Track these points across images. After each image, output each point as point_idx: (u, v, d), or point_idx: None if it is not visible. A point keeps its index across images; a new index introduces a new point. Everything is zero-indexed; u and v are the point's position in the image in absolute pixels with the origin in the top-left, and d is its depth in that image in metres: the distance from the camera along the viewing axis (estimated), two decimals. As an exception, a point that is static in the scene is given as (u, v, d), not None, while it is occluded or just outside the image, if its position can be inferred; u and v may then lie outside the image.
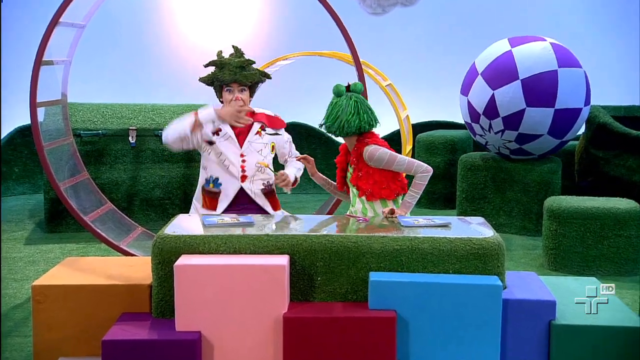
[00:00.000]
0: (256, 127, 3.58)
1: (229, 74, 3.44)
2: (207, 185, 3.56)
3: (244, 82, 3.47)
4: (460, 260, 2.81)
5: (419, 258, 2.82)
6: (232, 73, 3.44)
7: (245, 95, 3.51)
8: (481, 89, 5.82)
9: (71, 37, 5.14)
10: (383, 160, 3.26)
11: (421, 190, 3.29)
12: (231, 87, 3.46)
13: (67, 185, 4.86)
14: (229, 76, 3.44)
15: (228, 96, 3.48)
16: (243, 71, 3.47)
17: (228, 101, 3.48)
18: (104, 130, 6.01)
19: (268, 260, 2.77)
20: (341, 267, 2.83)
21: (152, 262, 2.87)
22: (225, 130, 3.53)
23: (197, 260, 2.76)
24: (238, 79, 3.45)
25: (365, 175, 3.30)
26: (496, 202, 6.08)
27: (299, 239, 2.85)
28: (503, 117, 5.71)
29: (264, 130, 3.59)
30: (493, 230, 2.99)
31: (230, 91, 3.47)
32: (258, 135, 3.57)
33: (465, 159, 6.23)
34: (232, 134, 3.53)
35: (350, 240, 2.85)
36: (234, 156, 3.52)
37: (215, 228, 3.01)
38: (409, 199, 3.29)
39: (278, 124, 3.66)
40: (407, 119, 6.91)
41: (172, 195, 6.13)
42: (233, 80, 3.45)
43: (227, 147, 3.52)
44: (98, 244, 5.40)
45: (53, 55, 4.87)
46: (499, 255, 2.82)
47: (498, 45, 5.94)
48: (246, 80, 3.47)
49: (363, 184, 3.30)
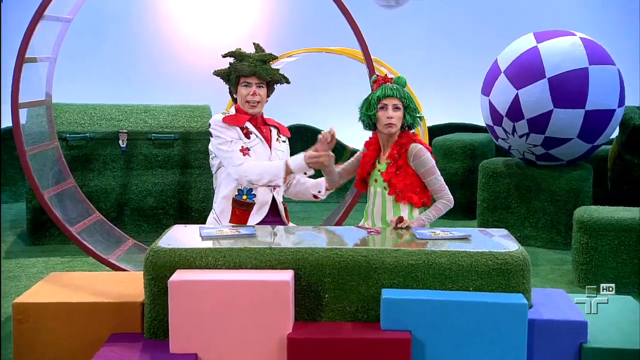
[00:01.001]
0: (275, 132, 3.62)
1: (249, 67, 3.44)
2: (240, 197, 3.52)
3: (263, 76, 3.46)
4: (482, 277, 2.80)
5: (436, 274, 2.81)
6: (252, 65, 3.44)
7: (263, 92, 3.51)
8: (504, 88, 5.81)
9: (56, 32, 5.16)
10: (426, 165, 3.34)
11: (438, 216, 3.38)
12: (249, 80, 3.46)
13: (51, 193, 4.88)
14: (248, 68, 3.44)
15: (244, 90, 3.48)
16: (264, 65, 3.48)
17: (243, 96, 3.49)
18: (91, 133, 6.03)
19: (271, 275, 2.77)
20: (351, 284, 2.83)
21: (145, 278, 2.88)
22: (255, 134, 3.52)
23: (193, 276, 2.77)
24: (258, 71, 3.45)
25: (403, 174, 3.35)
26: (521, 213, 6.06)
27: (304, 252, 2.85)
28: (528, 119, 5.70)
29: (280, 137, 3.64)
30: (517, 243, 2.98)
31: (247, 85, 3.47)
32: (278, 142, 3.61)
33: (487, 165, 6.22)
34: (262, 137, 3.53)
35: (361, 254, 2.84)
36: (265, 159, 3.52)
37: (213, 240, 3.02)
38: (424, 217, 3.33)
39: (285, 133, 3.70)
40: (423, 121, 6.91)
41: (166, 205, 6.14)
42: (252, 73, 3.44)
43: (260, 152, 3.51)
44: (85, 257, 5.41)
45: (36, 51, 4.89)
46: (524, 271, 2.81)
47: (523, 40, 5.93)
48: (266, 75, 3.47)
49: (398, 182, 3.35)
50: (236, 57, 3.50)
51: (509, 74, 5.80)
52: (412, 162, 3.35)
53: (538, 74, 5.64)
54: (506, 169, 6.13)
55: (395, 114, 3.35)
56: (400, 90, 3.39)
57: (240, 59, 3.48)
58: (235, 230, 3.17)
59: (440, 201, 3.37)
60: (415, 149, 3.35)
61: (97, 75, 8.26)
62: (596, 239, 4.89)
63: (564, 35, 5.81)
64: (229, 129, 3.49)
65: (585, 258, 4.95)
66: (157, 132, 6.12)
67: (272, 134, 3.59)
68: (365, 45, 4.91)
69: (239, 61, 3.48)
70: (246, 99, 3.48)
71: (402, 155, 3.36)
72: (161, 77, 8.31)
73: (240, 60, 3.48)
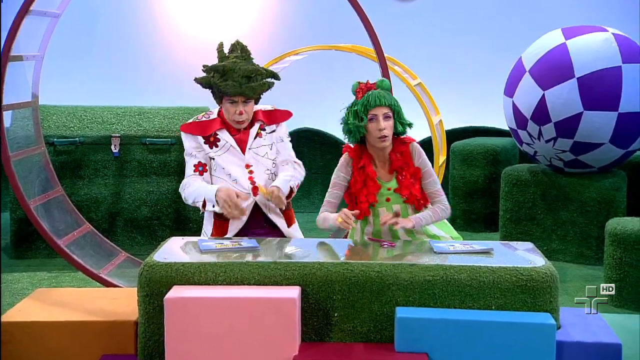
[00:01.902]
0: (255, 129, 3.60)
1: (233, 86, 3.43)
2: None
3: (250, 96, 3.47)
4: (505, 294, 2.79)
5: (455, 291, 2.81)
6: (236, 85, 3.43)
7: (249, 108, 3.52)
8: (529, 89, 5.80)
9: (44, 28, 5.19)
10: (427, 164, 3.41)
11: (434, 220, 3.39)
12: (235, 99, 3.46)
13: (37, 202, 4.90)
14: (232, 89, 3.43)
15: (230, 108, 3.49)
16: (250, 82, 3.45)
17: (231, 113, 3.50)
18: (81, 137, 6.05)
19: (276, 292, 2.77)
20: (362, 301, 2.83)
21: (138, 295, 2.88)
22: (224, 140, 3.55)
23: (191, 292, 2.77)
24: (244, 92, 3.44)
25: (412, 180, 3.39)
26: (547, 224, 6.04)
27: (312, 267, 2.85)
28: (555, 122, 5.69)
29: (264, 130, 3.62)
30: (544, 257, 2.98)
31: (233, 103, 3.48)
32: (259, 138, 3.59)
33: (510, 172, 6.21)
34: (233, 143, 3.56)
35: (374, 268, 2.84)
36: (239, 169, 3.54)
37: (213, 254, 3.02)
38: (422, 217, 3.35)
39: (280, 116, 3.67)
40: (440, 124, 6.91)
41: (162, 215, 6.15)
42: (238, 94, 3.44)
43: (229, 159, 3.54)
44: (74, 272, 5.42)
45: (22, 49, 4.92)
46: (552, 288, 2.80)
47: (549, 36, 5.93)
48: (253, 94, 3.48)
49: (417, 191, 3.38)
50: (218, 72, 3.46)
51: (535, 74, 5.79)
52: (417, 160, 3.39)
53: (566, 74, 5.63)
54: (531, 176, 6.11)
55: (387, 123, 3.32)
56: (388, 97, 3.34)
57: (224, 73, 3.44)
58: (236, 243, 3.17)
59: (438, 206, 3.40)
60: (416, 146, 3.41)
61: (88, 74, 8.29)
62: (630, 254, 4.87)
63: (594, 31, 5.80)
64: (188, 139, 3.56)
65: (618, 274, 4.93)
66: (152, 137, 6.14)
67: (251, 132, 3.57)
68: (378, 42, 4.92)
69: (222, 77, 3.44)
70: (233, 117, 3.50)
71: (408, 160, 3.38)
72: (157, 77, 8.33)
73: (223, 74, 3.44)
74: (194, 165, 3.55)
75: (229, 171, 3.53)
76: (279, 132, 3.66)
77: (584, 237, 5.92)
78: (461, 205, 7.06)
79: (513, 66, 6.08)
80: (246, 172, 3.54)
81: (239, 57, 3.50)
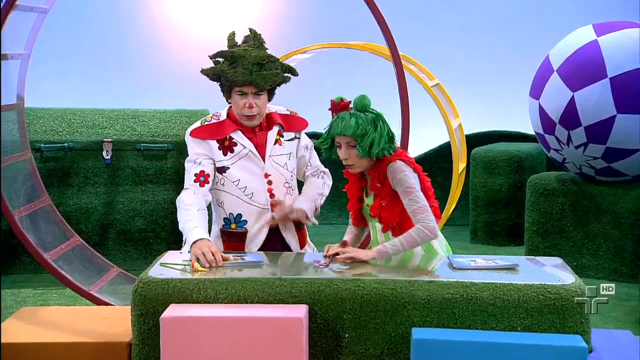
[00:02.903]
0: (274, 133, 3.47)
1: (243, 74, 3.30)
2: (228, 226, 3.42)
3: (261, 85, 3.32)
4: (532, 314, 2.79)
5: (476, 310, 2.80)
6: (246, 72, 3.29)
7: (261, 101, 3.35)
8: (557, 90, 5.80)
9: (30, 25, 5.22)
10: (403, 184, 3.18)
11: (410, 247, 3.16)
12: (245, 90, 3.32)
13: (23, 213, 4.91)
14: (242, 76, 3.29)
15: (240, 100, 3.34)
16: (262, 70, 3.32)
17: (239, 107, 3.34)
18: (70, 143, 6.07)
19: (281, 311, 2.77)
20: (375, 321, 2.82)
21: (132, 314, 2.88)
22: (242, 144, 3.40)
23: (189, 311, 2.77)
24: (255, 80, 3.30)
25: (391, 204, 3.24)
26: (577, 238, 6.03)
27: (320, 284, 2.85)
28: (586, 126, 5.68)
29: (283, 137, 3.49)
30: (574, 274, 2.97)
31: (243, 95, 3.33)
32: (279, 145, 3.46)
33: (537, 180, 6.20)
34: (252, 147, 3.40)
35: (388, 285, 2.84)
36: (256, 179, 3.40)
37: (213, 269, 3.02)
38: (389, 246, 3.15)
39: (297, 124, 3.56)
40: (460, 128, 6.90)
41: (158, 227, 6.16)
42: (248, 83, 3.31)
43: (246, 167, 3.39)
44: (62, 289, 5.43)
45: (7, 47, 4.94)
46: (583, 308, 2.79)
47: (579, 33, 5.92)
48: (265, 84, 3.33)
49: (388, 215, 3.24)
50: (227, 58, 3.34)
51: (563, 73, 5.78)
52: (392, 181, 3.21)
53: (598, 73, 5.62)
54: (560, 185, 6.10)
55: (351, 151, 3.20)
56: (351, 126, 3.17)
57: (233, 61, 3.32)
58: (239, 257, 3.17)
59: (417, 228, 3.13)
60: (393, 167, 3.20)
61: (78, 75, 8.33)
62: (668, 270, 4.85)
63: (628, 27, 5.80)
64: (197, 145, 3.40)
65: (655, 292, 4.90)
66: (147, 142, 6.15)
67: (269, 136, 3.45)
68: (392, 39, 4.92)
69: (231, 65, 3.32)
70: (242, 111, 3.35)
71: (384, 181, 3.24)
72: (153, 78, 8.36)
73: (232, 62, 3.32)
74: (195, 175, 3.37)
75: (244, 183, 3.38)
76: (304, 140, 3.58)
77: (618, 251, 5.90)
78: (483, 217, 7.05)
79: (539, 65, 6.08)
80: (265, 182, 3.41)
81: (250, 44, 3.39)
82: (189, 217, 3.28)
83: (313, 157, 3.64)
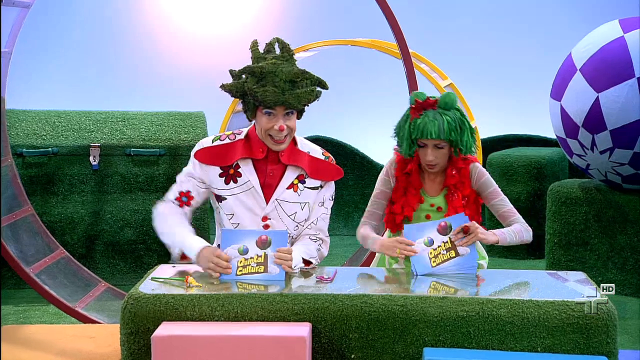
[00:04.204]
0: (291, 177, 3.30)
1: (274, 93, 3.12)
2: None
3: (294, 106, 3.17)
4: (553, 333, 2.78)
5: (493, 329, 2.80)
6: (278, 92, 3.12)
7: (292, 122, 3.21)
8: (581, 90, 5.79)
9: (12, 20, 5.23)
10: (491, 185, 3.49)
11: (518, 241, 3.43)
12: (274, 111, 3.17)
13: (3, 223, 4.91)
14: (273, 96, 3.12)
15: (266, 122, 3.17)
16: (295, 89, 3.16)
17: (265, 128, 3.18)
18: (55, 147, 6.08)
19: (282, 330, 2.77)
20: (384, 341, 2.82)
21: (121, 332, 2.88)
22: (246, 177, 3.25)
23: (183, 330, 2.77)
24: (287, 100, 3.14)
25: (464, 202, 3.46)
26: (602, 250, 6.02)
27: (324, 300, 2.85)
28: (612, 130, 5.68)
29: (303, 183, 3.32)
30: (599, 290, 2.96)
31: (271, 115, 3.17)
32: (292, 191, 3.30)
33: (558, 189, 6.19)
34: (256, 183, 3.25)
35: (397, 302, 2.84)
36: (254, 219, 3.27)
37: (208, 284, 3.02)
38: (506, 233, 3.40)
39: (327, 173, 3.37)
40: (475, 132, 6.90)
41: (149, 238, 6.16)
42: (280, 103, 3.14)
43: (244, 203, 3.26)
44: (45, 305, 5.43)
45: (-13, 44, 4.96)
46: (609, 327, 2.79)
47: (605, 29, 5.92)
48: (298, 104, 3.18)
49: (473, 214, 3.45)
50: (254, 75, 3.16)
51: (587, 73, 5.78)
52: (476, 183, 3.46)
53: (625, 73, 5.62)
54: (583, 194, 6.09)
55: (439, 152, 3.37)
56: (445, 129, 3.28)
57: (261, 77, 3.14)
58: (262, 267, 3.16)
59: (521, 223, 3.44)
60: (477, 167, 3.47)
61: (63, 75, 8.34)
62: (701, 285, 4.84)
63: (657, 23, 5.80)
64: (198, 168, 3.29)
65: (687, 309, 4.90)
66: (137, 146, 6.16)
67: (285, 177, 3.29)
68: (402, 36, 4.93)
69: (259, 82, 3.15)
70: (269, 132, 3.18)
71: (466, 181, 3.44)
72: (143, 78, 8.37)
73: (261, 79, 3.15)
74: (179, 192, 3.29)
75: (237, 220, 3.28)
76: (326, 191, 3.38)
77: (646, 265, 5.89)
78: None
79: (561, 64, 6.08)
80: (260, 226, 3.27)
81: (279, 57, 3.22)
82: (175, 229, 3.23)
83: (324, 219, 3.41)
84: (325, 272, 3.18)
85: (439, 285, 3.10)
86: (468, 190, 3.45)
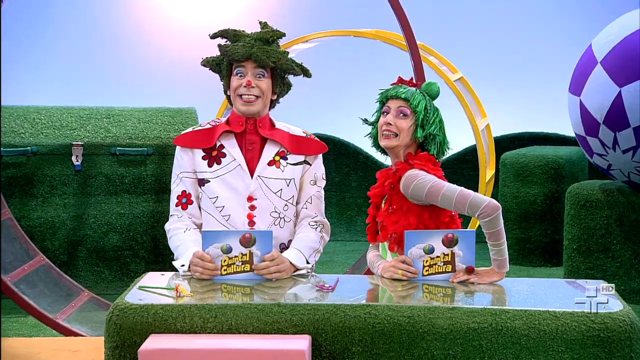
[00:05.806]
0: (271, 153, 3.44)
1: (242, 47, 3.35)
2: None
3: (263, 59, 3.35)
4: (572, 347, 2.78)
5: (507, 342, 2.80)
6: (247, 46, 3.35)
7: (264, 84, 3.40)
8: (602, 85, 5.80)
9: (-11, 10, 5.24)
10: (422, 191, 3.20)
11: (501, 238, 3.17)
12: (243, 66, 3.37)
13: (-21, 228, 4.92)
14: (242, 49, 3.35)
15: (236, 82, 3.39)
16: (265, 45, 3.39)
17: (235, 89, 3.39)
18: (34, 146, 6.08)
19: (280, 343, 2.76)
20: (389, 354, 2.82)
21: (106, 346, 2.88)
22: (232, 155, 3.40)
23: (173, 343, 2.77)
24: (255, 53, 3.34)
25: (398, 212, 3.28)
26: (625, 257, 6.02)
27: (325, 310, 2.85)
28: (635, 127, 5.68)
29: (285, 159, 3.45)
30: (621, 300, 2.96)
31: (241, 74, 3.38)
32: (275, 167, 3.42)
33: (577, 191, 6.20)
34: (242, 161, 3.40)
35: (403, 313, 2.84)
36: (237, 200, 3.38)
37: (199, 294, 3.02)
38: (495, 256, 3.18)
39: (308, 147, 3.50)
40: (487, 129, 6.91)
41: (136, 244, 6.16)
42: (247, 56, 3.35)
43: (230, 183, 3.38)
44: (24, 316, 5.44)
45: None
46: (632, 340, 2.79)
47: (626, 19, 5.93)
48: (267, 58, 3.36)
49: (390, 224, 3.28)
50: (229, 37, 3.44)
51: (608, 66, 5.79)
52: (408, 193, 3.23)
53: (648, 66, 5.63)
54: (604, 196, 6.09)
55: (399, 121, 3.27)
56: (416, 97, 3.26)
57: (235, 39, 3.41)
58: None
59: (481, 222, 3.16)
60: (407, 175, 3.24)
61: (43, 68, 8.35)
62: None
63: (683, 12, 5.80)
64: (180, 156, 3.43)
65: None
66: (123, 145, 6.16)
67: (265, 153, 3.43)
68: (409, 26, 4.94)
69: (233, 43, 3.42)
70: (238, 91, 3.38)
71: (396, 186, 3.27)
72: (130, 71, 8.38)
73: (235, 41, 3.41)
74: (177, 197, 3.42)
75: (222, 202, 3.37)
76: (315, 169, 3.50)
77: (672, 273, 5.90)
78: (514, 232, 7.04)
79: (581, 56, 6.08)
80: (246, 206, 3.39)
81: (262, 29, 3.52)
82: (178, 243, 3.34)
83: (320, 198, 3.51)
84: (326, 281, 3.18)
85: (449, 295, 3.10)
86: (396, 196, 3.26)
